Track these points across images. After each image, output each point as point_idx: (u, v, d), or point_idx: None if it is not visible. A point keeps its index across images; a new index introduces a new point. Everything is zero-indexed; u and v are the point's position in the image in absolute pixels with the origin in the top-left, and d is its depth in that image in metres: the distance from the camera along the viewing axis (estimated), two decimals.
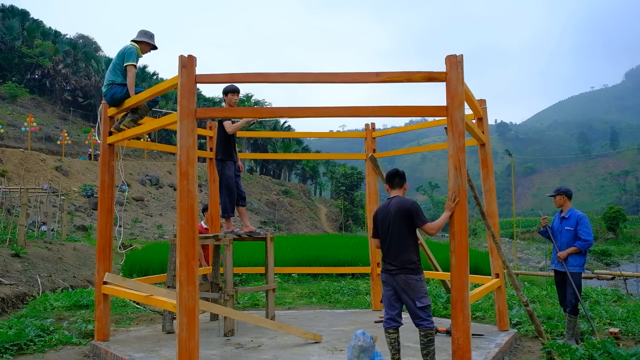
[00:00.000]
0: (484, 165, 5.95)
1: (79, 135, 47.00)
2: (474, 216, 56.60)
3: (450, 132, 4.11)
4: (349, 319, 6.86)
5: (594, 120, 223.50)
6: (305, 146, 72.78)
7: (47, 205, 16.69)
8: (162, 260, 11.67)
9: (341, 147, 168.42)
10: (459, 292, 4.04)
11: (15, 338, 5.71)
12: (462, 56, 4.13)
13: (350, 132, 9.34)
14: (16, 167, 29.20)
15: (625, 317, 6.89)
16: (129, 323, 7.36)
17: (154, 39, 5.74)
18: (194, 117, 4.17)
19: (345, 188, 66.54)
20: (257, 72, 4.40)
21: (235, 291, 5.68)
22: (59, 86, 56.18)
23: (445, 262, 5.92)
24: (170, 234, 24.88)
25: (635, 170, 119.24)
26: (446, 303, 7.55)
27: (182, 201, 4.11)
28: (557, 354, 5.01)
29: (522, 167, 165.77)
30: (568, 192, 6.04)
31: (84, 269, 12.15)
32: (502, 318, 6.05)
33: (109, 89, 5.45)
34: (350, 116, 4.38)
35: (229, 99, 6.15)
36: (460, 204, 4.11)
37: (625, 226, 52.73)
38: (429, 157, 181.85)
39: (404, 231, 4.21)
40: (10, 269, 9.91)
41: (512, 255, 28.73)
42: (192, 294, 4.05)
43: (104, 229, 5.63)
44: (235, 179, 6.27)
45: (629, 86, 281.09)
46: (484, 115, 5.97)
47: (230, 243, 5.69)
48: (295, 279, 12.26)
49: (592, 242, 5.81)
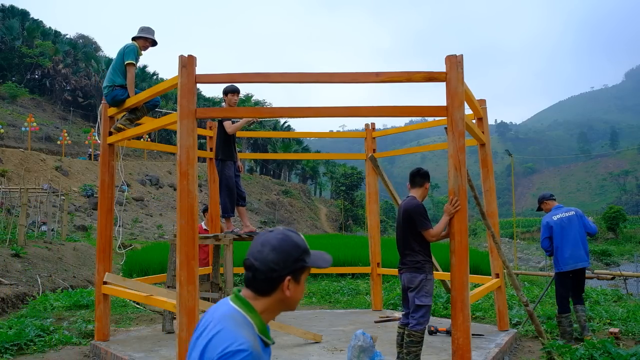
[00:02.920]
0: (484, 165, 5.95)
1: (79, 135, 46.98)
2: (474, 216, 56.59)
3: (450, 132, 4.11)
4: (349, 319, 6.86)
5: (594, 120, 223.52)
6: (305, 146, 72.75)
7: (47, 205, 16.68)
8: (162, 260, 11.66)
9: (341, 147, 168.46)
10: (459, 292, 4.04)
11: (15, 338, 5.71)
12: (462, 56, 4.13)
13: (350, 132, 9.34)
14: (16, 167, 29.20)
15: (625, 317, 6.89)
16: (129, 323, 7.37)
17: (152, 33, 5.70)
18: (194, 117, 4.17)
19: (345, 188, 66.51)
20: (257, 72, 4.40)
21: None
22: (59, 86, 56.17)
23: (445, 262, 5.93)
24: (170, 234, 24.88)
25: (635, 170, 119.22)
26: (446, 303, 7.55)
27: (182, 201, 4.11)
28: (557, 354, 5.01)
29: (522, 167, 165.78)
30: (541, 198, 6.58)
31: (84, 269, 12.15)
32: (502, 318, 6.05)
33: (110, 90, 5.43)
34: (350, 116, 4.38)
35: (229, 99, 6.14)
36: (460, 204, 4.11)
37: (625, 226, 52.68)
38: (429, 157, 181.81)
39: (408, 232, 4.33)
40: (10, 269, 9.91)
41: (512, 255, 28.73)
42: (192, 294, 4.05)
43: (104, 229, 5.63)
44: (235, 179, 6.27)
45: (629, 86, 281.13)
46: (484, 115, 5.97)
47: (230, 243, 5.68)
48: None
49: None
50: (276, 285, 1.47)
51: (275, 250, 1.46)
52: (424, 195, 4.52)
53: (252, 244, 1.52)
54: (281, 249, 1.46)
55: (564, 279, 6.01)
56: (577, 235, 5.96)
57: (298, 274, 1.50)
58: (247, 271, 1.50)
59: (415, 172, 4.58)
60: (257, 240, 1.51)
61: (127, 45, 5.54)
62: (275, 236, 1.49)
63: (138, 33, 5.65)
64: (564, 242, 5.96)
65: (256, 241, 1.51)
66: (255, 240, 1.52)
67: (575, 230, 5.99)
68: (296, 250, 1.49)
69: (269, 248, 1.46)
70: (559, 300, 6.01)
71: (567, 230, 6.01)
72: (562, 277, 6.02)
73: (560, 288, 6.03)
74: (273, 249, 1.46)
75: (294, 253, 1.48)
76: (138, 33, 5.65)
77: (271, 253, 1.45)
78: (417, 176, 4.52)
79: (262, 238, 1.51)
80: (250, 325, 1.45)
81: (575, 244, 5.91)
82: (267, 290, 1.48)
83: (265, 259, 1.45)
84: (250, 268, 1.48)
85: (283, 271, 1.46)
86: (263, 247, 1.47)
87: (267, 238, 1.49)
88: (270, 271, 1.45)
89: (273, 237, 1.49)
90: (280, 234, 1.50)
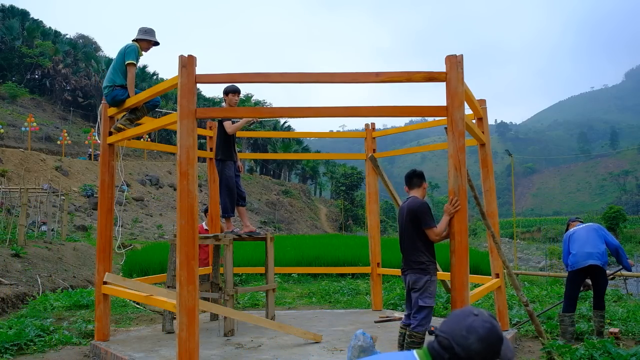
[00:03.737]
0: (484, 165, 5.95)
1: (79, 135, 46.98)
2: (474, 216, 56.59)
3: (450, 132, 4.11)
4: (349, 319, 6.86)
5: (594, 120, 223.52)
6: (305, 146, 72.76)
7: (47, 205, 16.67)
8: (162, 260, 11.66)
9: (341, 147, 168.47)
10: (459, 292, 4.04)
11: (15, 338, 5.71)
12: (462, 56, 4.13)
13: (350, 132, 9.33)
14: (16, 167, 29.19)
15: (625, 317, 6.89)
16: (129, 323, 7.37)
17: (154, 34, 5.69)
18: (194, 117, 4.17)
19: (345, 188, 66.53)
20: (257, 72, 4.40)
21: (235, 291, 5.68)
22: (59, 86, 56.16)
23: (445, 262, 5.92)
24: (170, 234, 24.88)
25: (635, 170, 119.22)
26: (446, 303, 7.55)
27: (182, 201, 4.11)
28: (557, 354, 5.01)
29: (522, 167, 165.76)
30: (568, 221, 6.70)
31: (84, 269, 12.14)
32: (502, 318, 6.05)
33: (110, 90, 5.42)
34: (350, 116, 4.38)
35: (229, 99, 6.14)
36: (460, 204, 4.11)
37: (625, 226, 52.73)
38: (429, 157, 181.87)
39: (413, 232, 4.33)
40: (10, 269, 9.90)
41: (512, 255, 28.73)
42: (192, 294, 4.05)
43: (104, 229, 5.63)
44: (235, 179, 6.27)
45: (629, 86, 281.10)
46: (484, 115, 5.97)
47: (230, 243, 5.68)
48: (295, 279, 12.27)
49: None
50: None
51: (481, 341, 1.38)
52: (423, 195, 4.56)
53: (453, 322, 1.41)
54: (488, 342, 1.38)
55: (573, 278, 5.99)
56: (589, 237, 5.95)
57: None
58: (442, 350, 1.40)
59: (411, 173, 4.58)
60: (461, 323, 1.40)
61: (128, 45, 5.53)
62: (483, 325, 1.40)
63: (139, 35, 5.63)
64: (576, 242, 5.99)
65: (460, 323, 1.40)
66: (458, 321, 1.41)
67: (588, 234, 5.99)
68: (499, 343, 1.41)
69: (476, 337, 1.37)
70: (566, 298, 6.00)
71: (579, 234, 6.04)
72: (572, 276, 6.01)
73: (569, 286, 6.02)
74: (480, 339, 1.37)
75: (497, 347, 1.40)
76: (139, 35, 5.63)
77: (477, 343, 1.37)
78: (414, 177, 4.53)
79: (467, 322, 1.40)
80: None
81: (586, 242, 5.90)
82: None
83: (469, 347, 1.37)
84: (448, 350, 1.39)
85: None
86: (469, 334, 1.37)
87: (474, 325, 1.39)
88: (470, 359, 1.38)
89: (481, 326, 1.39)
90: (488, 323, 1.41)
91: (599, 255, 5.86)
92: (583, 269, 5.89)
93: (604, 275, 5.98)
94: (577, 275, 5.97)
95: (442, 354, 1.41)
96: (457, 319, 1.43)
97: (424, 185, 4.57)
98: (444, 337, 1.42)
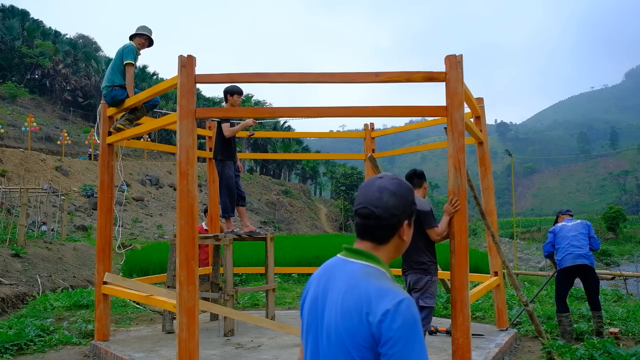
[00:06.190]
0: (482, 163, 5.97)
1: (79, 135, 46.96)
2: (474, 216, 56.56)
3: (450, 132, 4.11)
4: None
5: (594, 120, 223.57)
6: (305, 146, 72.76)
7: (47, 205, 16.67)
8: (162, 260, 11.66)
9: (341, 147, 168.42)
10: (459, 292, 4.04)
11: (15, 338, 5.71)
12: (462, 56, 4.13)
13: (350, 132, 9.33)
14: (16, 167, 29.19)
15: (625, 317, 6.89)
16: (129, 323, 7.37)
17: (149, 31, 5.71)
18: (194, 117, 4.17)
19: (345, 188, 66.53)
20: (256, 72, 4.39)
21: (235, 291, 5.68)
22: (59, 86, 56.15)
23: (445, 262, 5.92)
24: (170, 234, 24.88)
25: (635, 170, 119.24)
26: (446, 303, 7.55)
27: (182, 201, 4.11)
28: (557, 354, 5.01)
29: (522, 167, 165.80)
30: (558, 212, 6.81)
31: (84, 269, 12.14)
32: (501, 316, 6.06)
33: (109, 90, 5.43)
34: (350, 116, 4.38)
35: (233, 100, 6.10)
36: (460, 204, 4.11)
37: (625, 226, 52.69)
38: (429, 157, 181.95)
39: (414, 231, 4.27)
40: (10, 269, 9.91)
41: (512, 255, 28.72)
42: (192, 294, 4.05)
43: (104, 229, 5.63)
44: (235, 179, 6.27)
45: (629, 86, 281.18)
46: (482, 114, 5.98)
47: (230, 243, 5.69)
48: (295, 279, 12.26)
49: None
50: (395, 231, 1.44)
51: (394, 195, 1.41)
52: (424, 194, 4.57)
53: (365, 192, 1.45)
54: (400, 194, 1.43)
55: (563, 277, 6.02)
56: (578, 235, 5.97)
57: (412, 217, 1.47)
58: (365, 220, 1.43)
59: (412, 173, 4.59)
60: (370, 188, 1.45)
61: (126, 45, 5.54)
62: (390, 181, 1.45)
63: (134, 32, 5.68)
64: (564, 240, 5.99)
65: (369, 188, 1.45)
66: (368, 188, 1.45)
67: (576, 232, 6.00)
68: (411, 193, 1.46)
69: (388, 193, 1.41)
70: (556, 298, 6.06)
71: (568, 231, 6.04)
72: (560, 275, 6.04)
73: (559, 286, 6.06)
74: (392, 194, 1.42)
75: (410, 196, 1.46)
76: (134, 32, 5.68)
77: (391, 198, 1.41)
78: (415, 177, 4.54)
79: (376, 185, 1.44)
80: (388, 277, 1.39)
81: (575, 241, 5.93)
82: (387, 238, 1.44)
83: (386, 205, 1.40)
84: (370, 216, 1.42)
85: (402, 216, 1.43)
86: (381, 194, 1.42)
87: (383, 184, 1.44)
88: (392, 217, 1.41)
89: (388, 183, 1.44)
90: (394, 179, 1.46)
91: (588, 255, 5.91)
92: (572, 267, 5.90)
93: (594, 275, 6.02)
94: (566, 274, 5.99)
95: (367, 225, 1.44)
96: (366, 188, 1.47)
97: (424, 185, 4.58)
98: (362, 207, 1.45)
